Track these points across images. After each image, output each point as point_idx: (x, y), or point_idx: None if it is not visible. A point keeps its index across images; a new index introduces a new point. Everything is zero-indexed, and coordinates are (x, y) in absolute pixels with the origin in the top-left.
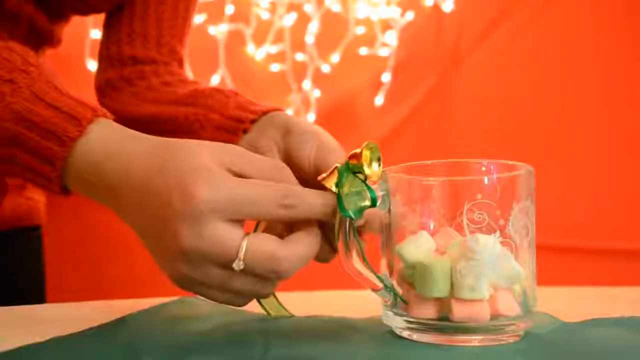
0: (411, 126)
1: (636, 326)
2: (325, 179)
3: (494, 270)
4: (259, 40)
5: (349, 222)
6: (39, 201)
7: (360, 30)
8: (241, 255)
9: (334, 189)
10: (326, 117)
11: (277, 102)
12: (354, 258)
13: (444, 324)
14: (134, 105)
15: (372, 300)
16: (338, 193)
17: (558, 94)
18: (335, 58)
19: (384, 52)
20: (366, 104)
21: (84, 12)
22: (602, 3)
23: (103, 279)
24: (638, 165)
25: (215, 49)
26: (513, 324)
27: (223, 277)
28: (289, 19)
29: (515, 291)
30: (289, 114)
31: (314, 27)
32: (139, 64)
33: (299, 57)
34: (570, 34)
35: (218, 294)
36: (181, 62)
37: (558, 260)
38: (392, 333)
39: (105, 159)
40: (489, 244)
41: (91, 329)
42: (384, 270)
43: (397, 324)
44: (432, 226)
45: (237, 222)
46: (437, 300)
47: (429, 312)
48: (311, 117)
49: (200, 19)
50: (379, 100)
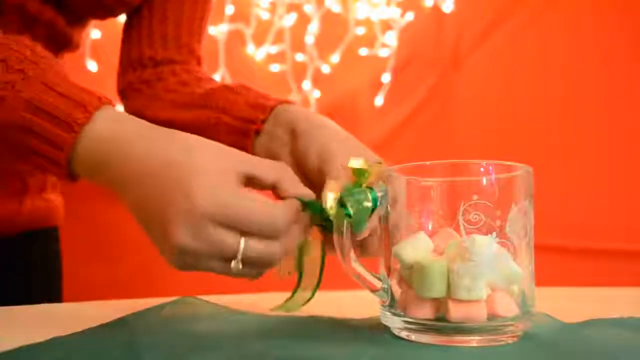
0: (411, 126)
1: (636, 326)
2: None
3: (491, 271)
4: (259, 41)
5: (347, 223)
6: (57, 202)
7: (360, 31)
8: (239, 257)
9: (336, 194)
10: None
11: None
12: (352, 258)
13: (442, 324)
14: (152, 108)
15: (371, 301)
16: (342, 195)
17: (558, 94)
18: (335, 58)
19: (384, 52)
20: (366, 105)
21: (102, 16)
22: (601, 3)
23: (118, 278)
24: (638, 166)
25: (215, 49)
26: (511, 325)
27: (224, 268)
28: (289, 19)
29: (514, 292)
30: (296, 108)
31: (314, 28)
32: (158, 65)
33: (299, 57)
34: (570, 34)
35: (225, 270)
36: (199, 60)
37: (558, 260)
38: (391, 333)
39: (111, 144)
40: (485, 244)
41: (91, 329)
42: (382, 271)
43: (395, 324)
44: (430, 227)
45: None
46: (435, 300)
47: (426, 312)
48: None
49: None
50: (378, 100)
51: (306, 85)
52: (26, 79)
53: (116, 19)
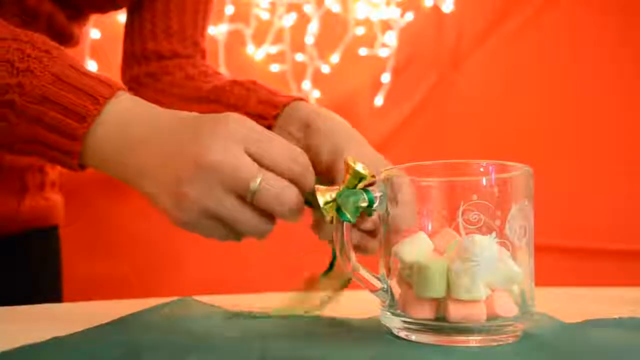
0: (411, 126)
1: (636, 326)
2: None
3: (491, 271)
4: (258, 41)
5: (346, 224)
6: (57, 201)
7: (360, 31)
8: (258, 180)
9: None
10: None
11: None
12: (352, 259)
13: (442, 324)
14: (160, 102)
15: (371, 301)
16: (338, 195)
17: (558, 94)
18: (335, 58)
19: (383, 52)
20: (366, 105)
21: (103, 9)
22: (601, 4)
23: (118, 278)
24: (638, 166)
25: (215, 49)
26: (511, 325)
27: (234, 206)
28: (288, 20)
29: (514, 292)
30: (309, 105)
31: (313, 28)
32: (163, 59)
33: (299, 57)
34: (570, 34)
35: (219, 230)
36: (204, 53)
37: (558, 260)
38: (391, 333)
39: (125, 126)
40: (484, 244)
41: (91, 329)
42: (382, 271)
43: (395, 324)
44: (430, 227)
45: None
46: (434, 300)
47: (426, 312)
48: None
49: None
50: (378, 100)
51: (306, 85)
52: (39, 72)
53: (117, 18)
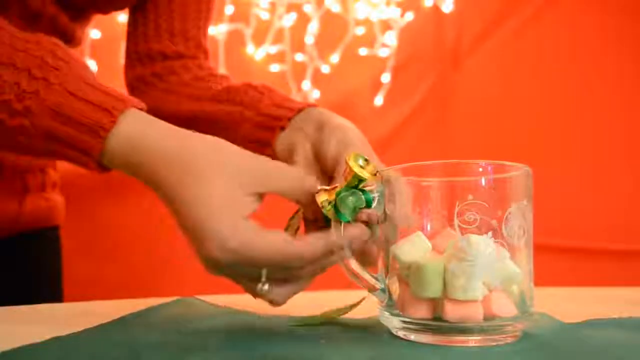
0: (411, 126)
1: (636, 326)
2: (320, 193)
3: (488, 271)
4: (258, 41)
5: (344, 224)
6: (58, 202)
7: (360, 31)
8: (263, 279)
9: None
10: None
11: None
12: (351, 260)
13: (440, 324)
14: (170, 101)
15: (370, 301)
16: (337, 194)
17: (557, 93)
18: (335, 58)
19: (383, 52)
20: (366, 105)
21: (106, 10)
22: (601, 3)
23: (118, 278)
24: (639, 166)
25: (215, 49)
26: (510, 325)
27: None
28: (288, 19)
29: (512, 292)
30: (322, 110)
31: (313, 28)
32: (168, 59)
33: (299, 57)
34: (569, 34)
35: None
36: (207, 53)
37: (558, 260)
38: (390, 333)
39: (138, 146)
40: (480, 244)
41: (91, 329)
42: (381, 271)
43: (394, 324)
44: (429, 227)
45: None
46: (431, 300)
47: (423, 312)
48: None
49: None
50: (378, 100)
51: (306, 85)
52: (50, 86)
53: (116, 18)
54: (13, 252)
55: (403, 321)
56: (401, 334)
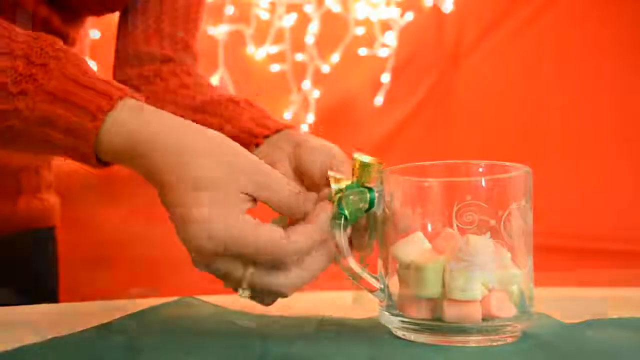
0: (410, 126)
1: (636, 326)
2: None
3: (486, 271)
4: (259, 41)
5: (344, 223)
6: (53, 202)
7: (360, 31)
8: (244, 286)
9: (334, 192)
10: (326, 117)
11: (277, 102)
12: (350, 259)
13: (440, 324)
14: (154, 106)
15: (370, 301)
16: (337, 194)
17: (557, 93)
18: (335, 58)
19: (383, 52)
20: (366, 104)
21: (98, 12)
22: (600, 3)
23: (116, 278)
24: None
25: (215, 50)
26: (509, 325)
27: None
28: (288, 20)
29: (513, 292)
30: (300, 132)
31: (313, 28)
32: (155, 62)
33: (299, 57)
34: (569, 33)
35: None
36: (195, 57)
37: (558, 260)
38: (390, 333)
39: (137, 132)
40: (479, 245)
41: (91, 328)
42: (380, 271)
43: (394, 324)
44: (429, 227)
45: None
46: (431, 300)
47: (422, 312)
48: (310, 117)
49: None
50: (378, 100)
51: (306, 85)
52: (48, 72)
53: (116, 19)
54: (9, 253)
55: (402, 321)
56: (400, 334)
